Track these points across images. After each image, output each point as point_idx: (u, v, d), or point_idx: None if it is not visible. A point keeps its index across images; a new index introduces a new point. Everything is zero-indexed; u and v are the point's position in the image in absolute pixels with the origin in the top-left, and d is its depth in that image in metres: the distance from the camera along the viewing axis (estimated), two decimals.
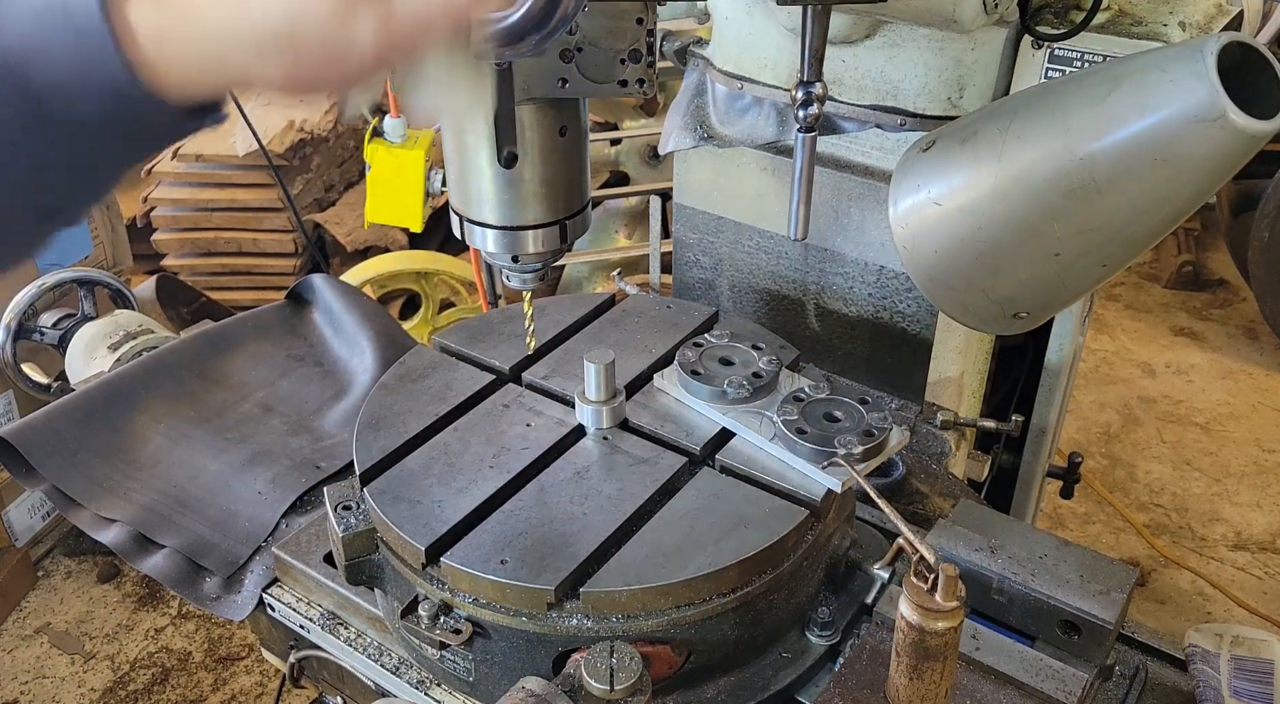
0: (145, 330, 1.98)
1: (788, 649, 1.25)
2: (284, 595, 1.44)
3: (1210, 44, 1.00)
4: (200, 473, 1.64)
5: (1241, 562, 3.24)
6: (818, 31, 1.19)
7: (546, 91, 1.09)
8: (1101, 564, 1.26)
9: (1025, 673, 1.16)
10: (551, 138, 1.14)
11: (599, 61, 1.06)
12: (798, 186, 1.28)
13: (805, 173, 1.27)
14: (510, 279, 1.28)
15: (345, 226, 3.99)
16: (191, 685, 2.90)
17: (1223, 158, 1.04)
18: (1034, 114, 1.16)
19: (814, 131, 1.24)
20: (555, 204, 1.19)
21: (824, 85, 1.24)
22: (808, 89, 1.21)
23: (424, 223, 2.39)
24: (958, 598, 1.02)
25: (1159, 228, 1.16)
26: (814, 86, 1.22)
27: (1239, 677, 1.24)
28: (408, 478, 1.28)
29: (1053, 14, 1.39)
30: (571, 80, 1.07)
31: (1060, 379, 1.70)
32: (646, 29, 1.03)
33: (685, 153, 1.75)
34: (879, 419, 1.28)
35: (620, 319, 1.58)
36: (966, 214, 1.21)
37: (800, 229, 1.32)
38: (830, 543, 1.27)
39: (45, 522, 3.25)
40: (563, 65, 1.06)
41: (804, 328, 1.76)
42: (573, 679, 1.08)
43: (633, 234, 3.83)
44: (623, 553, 1.17)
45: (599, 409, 1.33)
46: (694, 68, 1.73)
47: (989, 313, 1.30)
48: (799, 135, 1.24)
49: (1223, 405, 3.88)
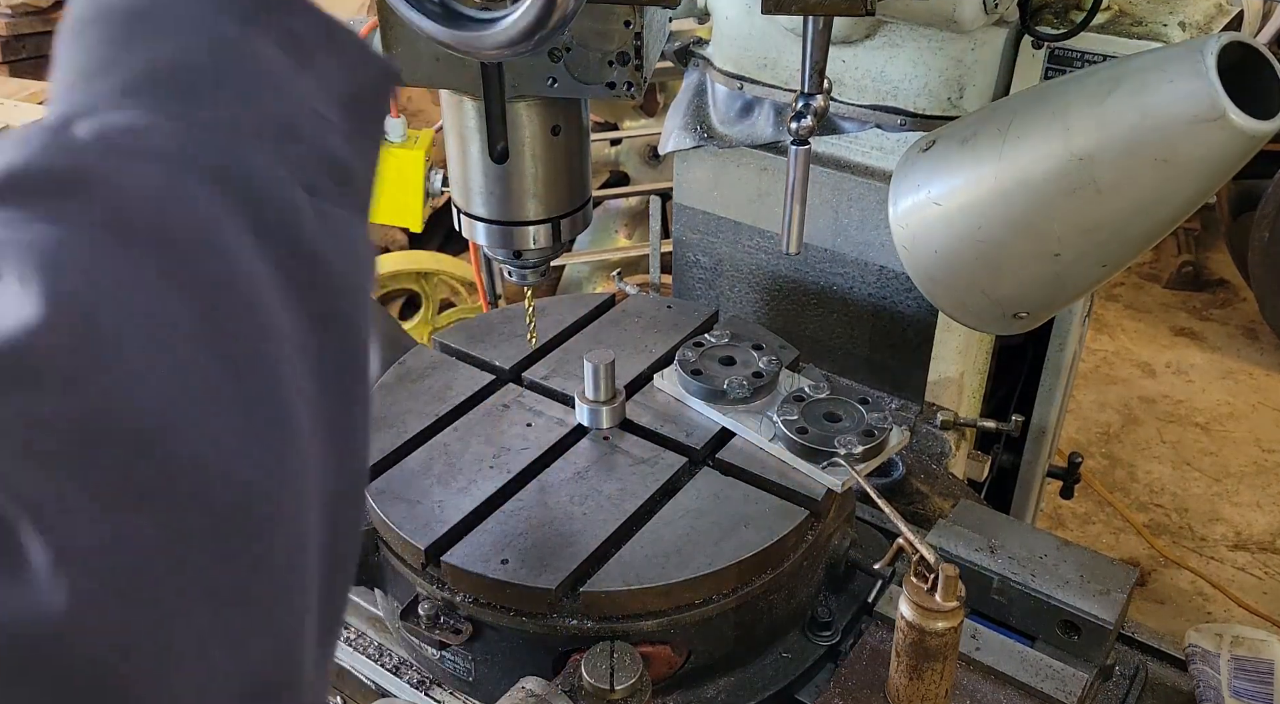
0: None
1: (788, 649, 1.25)
2: None
3: (1210, 44, 1.00)
4: None
5: (1241, 562, 3.24)
6: (819, 43, 1.18)
7: (536, 90, 1.09)
8: (1101, 564, 1.26)
9: (1025, 673, 1.16)
10: (544, 135, 1.14)
11: (587, 63, 1.06)
12: (790, 201, 1.25)
13: (799, 186, 1.24)
14: (511, 275, 1.28)
15: None
16: None
17: (1223, 158, 1.04)
18: (1034, 114, 1.16)
19: (807, 145, 1.21)
20: (549, 201, 1.19)
21: (826, 97, 1.23)
22: (808, 100, 1.21)
23: (424, 223, 2.39)
24: (958, 598, 1.02)
25: (1159, 228, 1.16)
26: (815, 98, 1.21)
27: (1239, 677, 1.24)
28: (408, 478, 1.28)
29: (1053, 14, 1.39)
30: (560, 80, 1.08)
31: (1060, 379, 1.70)
32: (634, 32, 1.02)
33: (685, 153, 1.75)
34: (879, 419, 1.28)
35: (620, 319, 1.58)
36: (966, 214, 1.21)
37: (794, 243, 1.28)
38: (830, 543, 1.27)
39: None
40: (552, 64, 1.06)
41: (804, 328, 1.76)
42: (573, 679, 1.08)
43: (633, 234, 3.82)
44: (623, 553, 1.17)
45: (599, 409, 1.33)
46: (694, 68, 1.73)
47: (989, 313, 1.30)
48: (792, 148, 1.21)
49: (1223, 405, 3.88)
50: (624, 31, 1.02)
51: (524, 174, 1.16)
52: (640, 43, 1.03)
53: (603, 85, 1.07)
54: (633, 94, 1.06)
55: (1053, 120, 1.13)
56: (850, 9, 1.06)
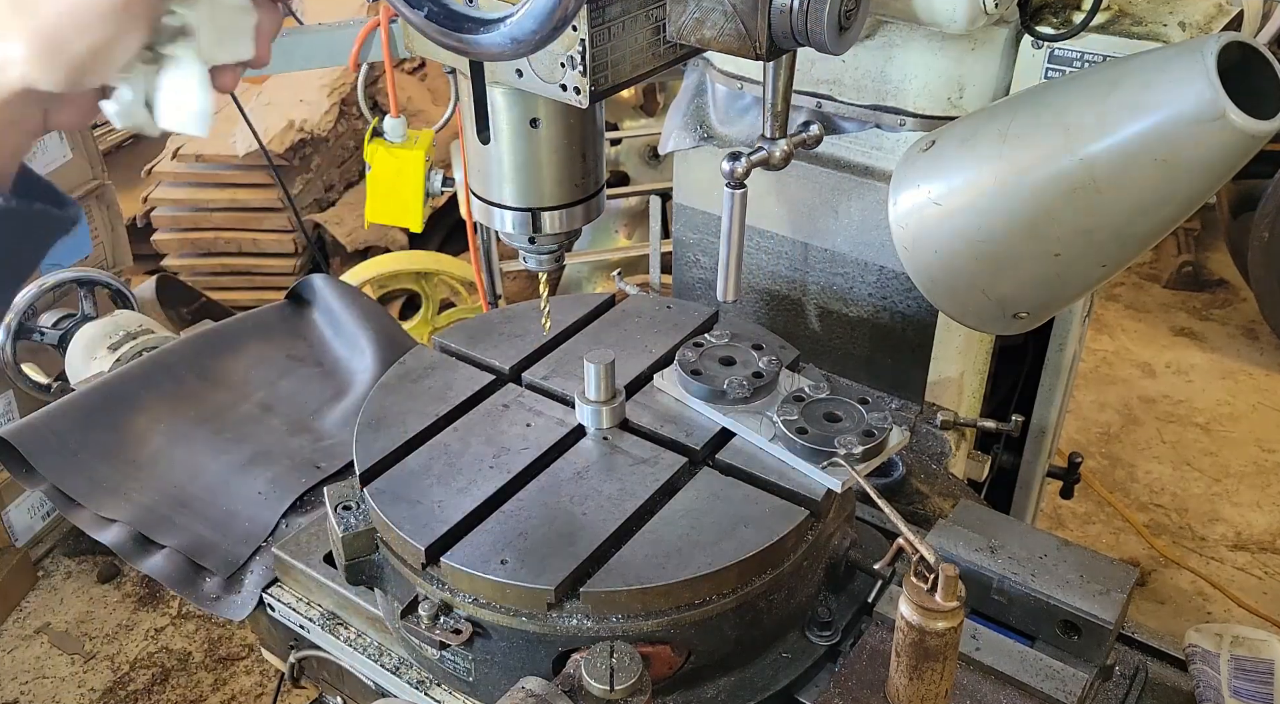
0: (145, 330, 1.98)
1: (788, 649, 1.25)
2: (284, 595, 1.44)
3: (1210, 44, 1.00)
4: (200, 473, 1.63)
5: (1241, 562, 3.24)
6: (777, 87, 1.18)
7: (507, 80, 1.12)
8: (1101, 564, 1.26)
9: (1025, 673, 1.16)
10: (521, 125, 1.18)
11: (545, 61, 1.06)
12: (726, 246, 1.23)
13: (735, 231, 1.22)
14: (527, 260, 1.33)
15: (345, 226, 3.98)
16: (191, 686, 2.90)
17: (1223, 158, 1.04)
18: (1034, 114, 1.16)
19: (743, 188, 1.19)
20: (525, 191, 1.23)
21: (790, 143, 1.22)
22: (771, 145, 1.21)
23: (424, 223, 2.39)
24: (958, 598, 1.02)
25: (1159, 228, 1.16)
26: (778, 144, 1.21)
27: (1239, 677, 1.24)
28: (408, 478, 1.28)
29: (1053, 14, 1.40)
30: (525, 74, 1.09)
31: (1060, 379, 1.70)
32: (580, 37, 1.02)
33: (685, 153, 1.75)
34: (879, 419, 1.28)
35: (620, 319, 1.58)
36: (966, 214, 1.21)
37: (731, 290, 1.26)
38: (830, 543, 1.27)
39: (45, 522, 3.25)
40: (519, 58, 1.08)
41: (804, 328, 1.76)
42: (573, 679, 1.08)
43: (633, 234, 3.83)
44: (623, 553, 1.17)
45: (599, 409, 1.33)
46: (694, 68, 1.73)
47: (989, 313, 1.30)
48: (727, 191, 1.19)
49: (1223, 405, 3.88)
50: (572, 34, 1.02)
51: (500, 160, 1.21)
52: (586, 49, 1.03)
53: (557, 86, 1.07)
54: (581, 101, 1.06)
55: (1053, 120, 1.13)
56: (741, 50, 1.06)
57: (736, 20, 1.04)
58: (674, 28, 1.08)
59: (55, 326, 2.07)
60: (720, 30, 1.05)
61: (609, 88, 1.08)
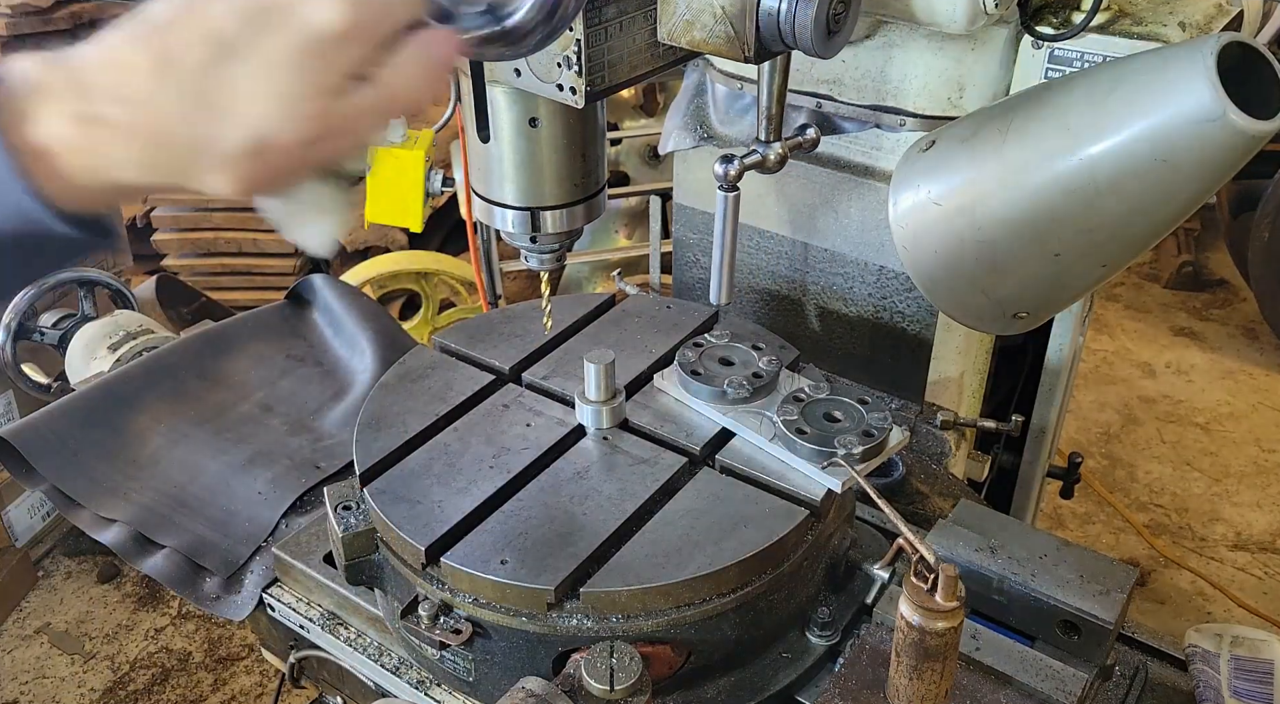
0: (145, 330, 1.98)
1: (788, 649, 1.25)
2: (284, 595, 1.44)
3: (1210, 44, 1.00)
4: (200, 473, 1.63)
5: (1241, 562, 3.24)
6: (771, 90, 1.17)
7: (505, 79, 1.12)
8: (1101, 564, 1.26)
9: (1025, 673, 1.16)
10: (521, 125, 1.17)
11: (542, 61, 1.06)
12: (720, 249, 1.23)
13: (729, 234, 1.22)
14: (528, 259, 1.33)
15: (345, 227, 3.98)
16: (191, 686, 2.90)
17: (1223, 158, 1.04)
18: (1034, 114, 1.16)
19: (736, 191, 1.19)
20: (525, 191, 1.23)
21: (785, 146, 1.21)
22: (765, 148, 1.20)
23: (424, 223, 2.39)
24: (958, 598, 1.02)
25: (1159, 228, 1.16)
26: (772, 147, 1.20)
27: (1239, 677, 1.24)
28: (408, 478, 1.28)
29: (1052, 14, 1.39)
30: (523, 73, 1.09)
31: (1060, 379, 1.70)
32: (575, 38, 1.02)
33: (685, 153, 1.75)
34: (879, 419, 1.28)
35: (620, 319, 1.58)
36: (966, 214, 1.21)
37: (724, 293, 1.26)
38: (830, 543, 1.27)
39: (45, 522, 3.25)
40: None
41: (804, 328, 1.76)
42: (573, 679, 1.08)
43: (633, 234, 3.83)
44: (623, 553, 1.17)
45: (599, 409, 1.33)
46: (694, 68, 1.73)
47: (989, 313, 1.30)
48: (720, 194, 1.19)
49: (1223, 405, 3.88)
50: (569, 35, 1.02)
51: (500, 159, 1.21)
52: (582, 49, 1.03)
53: (554, 85, 1.07)
54: (576, 101, 1.06)
55: (1053, 120, 1.13)
56: (730, 52, 1.06)
57: (725, 23, 1.03)
58: (664, 30, 1.08)
59: (55, 326, 2.07)
60: (709, 32, 1.05)
61: (606, 88, 1.08)
